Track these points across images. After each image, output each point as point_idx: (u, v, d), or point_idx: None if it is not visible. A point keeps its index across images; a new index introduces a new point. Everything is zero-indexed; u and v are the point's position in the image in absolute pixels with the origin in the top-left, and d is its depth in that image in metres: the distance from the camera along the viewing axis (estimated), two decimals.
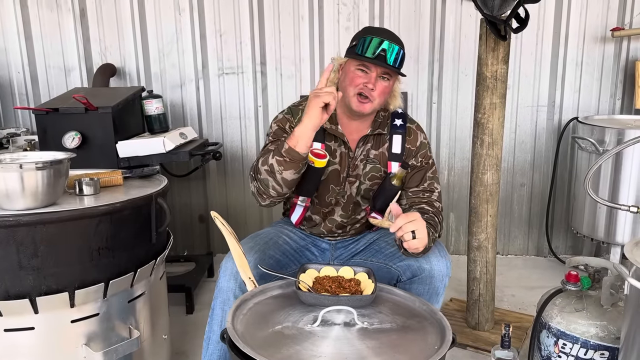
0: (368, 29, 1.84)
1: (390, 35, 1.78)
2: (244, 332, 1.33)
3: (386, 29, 1.88)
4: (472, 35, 3.14)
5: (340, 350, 1.26)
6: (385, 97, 1.82)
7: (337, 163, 1.90)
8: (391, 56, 1.71)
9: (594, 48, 3.18)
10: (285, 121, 1.88)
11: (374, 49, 1.70)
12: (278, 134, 1.86)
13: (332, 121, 1.88)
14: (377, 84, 1.75)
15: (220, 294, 1.74)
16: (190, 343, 2.43)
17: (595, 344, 1.79)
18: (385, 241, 1.93)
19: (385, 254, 1.89)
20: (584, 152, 2.90)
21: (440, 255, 1.79)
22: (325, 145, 1.88)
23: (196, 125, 3.33)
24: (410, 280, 1.81)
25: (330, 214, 1.97)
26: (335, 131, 1.88)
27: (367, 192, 1.93)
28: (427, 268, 1.77)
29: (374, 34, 1.74)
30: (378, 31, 1.80)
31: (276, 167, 1.65)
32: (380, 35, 1.74)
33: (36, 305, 1.57)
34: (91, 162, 2.28)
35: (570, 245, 3.48)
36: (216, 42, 3.23)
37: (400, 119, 1.94)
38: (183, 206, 3.45)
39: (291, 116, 1.89)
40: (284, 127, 1.87)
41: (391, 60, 1.71)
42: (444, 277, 1.79)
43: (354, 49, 1.76)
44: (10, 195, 1.57)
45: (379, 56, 1.70)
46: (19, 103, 3.32)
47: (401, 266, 1.82)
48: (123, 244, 1.71)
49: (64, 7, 3.18)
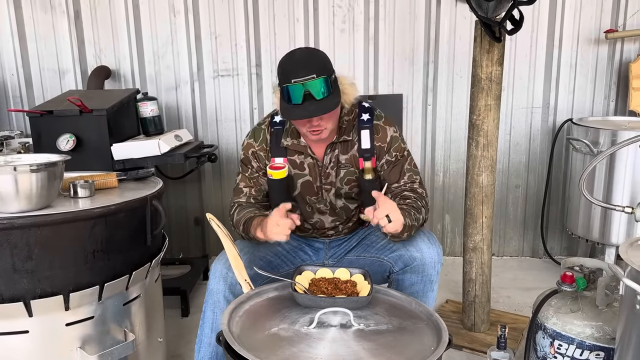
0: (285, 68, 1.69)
1: (306, 65, 1.65)
2: (240, 334, 1.32)
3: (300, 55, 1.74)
4: (467, 36, 3.15)
5: (336, 352, 1.26)
6: (336, 116, 1.79)
7: (307, 174, 1.90)
8: (318, 92, 1.64)
9: (587, 50, 3.20)
10: (249, 147, 1.92)
11: (299, 94, 1.63)
12: (245, 162, 1.93)
13: (293, 136, 1.88)
14: (319, 120, 1.71)
15: (210, 296, 1.74)
16: (186, 346, 2.42)
17: (591, 345, 1.79)
18: (375, 235, 1.94)
19: (377, 248, 1.90)
20: (579, 153, 2.91)
21: (430, 242, 1.81)
22: (289, 159, 1.89)
23: (191, 128, 3.32)
24: (403, 271, 1.82)
25: (319, 223, 1.98)
26: (298, 145, 1.88)
27: (349, 195, 1.94)
28: (418, 257, 1.78)
29: (292, 75, 1.64)
30: (294, 67, 1.66)
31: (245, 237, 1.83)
32: (297, 74, 1.63)
33: (30, 309, 1.56)
34: (86, 164, 2.27)
35: (566, 246, 3.49)
36: (211, 44, 3.23)
37: (367, 114, 1.89)
38: (178, 209, 3.44)
39: (253, 140, 1.92)
40: (248, 154, 1.92)
41: (317, 94, 1.63)
42: (436, 264, 1.80)
43: (284, 96, 1.68)
44: (4, 198, 1.56)
45: (308, 97, 1.63)
46: (13, 105, 3.30)
47: (392, 257, 1.83)
48: (118, 246, 1.70)
49: (58, 9, 3.17)
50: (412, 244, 1.80)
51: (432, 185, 3.43)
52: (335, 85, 1.71)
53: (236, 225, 1.84)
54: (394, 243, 1.84)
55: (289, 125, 1.89)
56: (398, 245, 1.82)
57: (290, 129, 1.88)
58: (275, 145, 1.89)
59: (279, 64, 1.73)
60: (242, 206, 1.87)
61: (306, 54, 1.77)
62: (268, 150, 1.90)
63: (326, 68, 1.68)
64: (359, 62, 3.25)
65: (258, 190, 1.91)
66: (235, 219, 1.84)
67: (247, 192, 1.91)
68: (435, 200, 3.45)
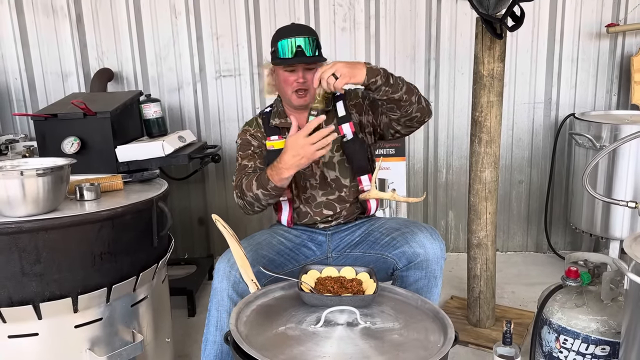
0: (280, 31, 1.92)
1: (300, 29, 1.91)
2: (248, 334, 1.33)
3: (295, 24, 2.02)
4: (468, 33, 3.15)
5: (343, 350, 1.27)
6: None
7: None
8: (308, 49, 1.85)
9: (589, 44, 3.20)
10: (245, 132, 2.04)
11: (291, 49, 1.84)
12: (244, 143, 2.01)
13: (280, 116, 2.02)
14: (306, 76, 1.89)
15: (215, 295, 1.76)
16: (193, 346, 2.43)
17: (596, 339, 1.80)
18: (379, 232, 1.95)
19: (381, 245, 1.91)
20: (581, 148, 2.91)
21: (433, 238, 1.82)
22: (282, 137, 1.98)
23: (194, 128, 3.34)
24: (407, 267, 1.83)
25: (312, 199, 2.00)
26: (286, 123, 1.99)
27: (342, 164, 1.99)
28: (421, 253, 1.80)
29: (286, 35, 1.87)
30: (289, 30, 1.90)
31: (262, 197, 1.82)
32: (292, 34, 1.86)
33: (40, 311, 1.58)
34: (90, 167, 2.28)
35: (569, 240, 3.50)
36: (213, 44, 3.24)
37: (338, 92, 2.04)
38: (183, 209, 3.46)
39: (248, 126, 2.06)
40: (246, 137, 2.02)
41: (309, 52, 1.86)
42: (439, 259, 1.82)
43: (276, 54, 1.89)
44: (12, 202, 1.57)
45: (298, 53, 1.84)
46: (17, 109, 3.32)
47: (396, 254, 1.85)
48: (125, 248, 1.72)
49: (60, 12, 3.19)
50: (415, 240, 1.82)
51: (435, 181, 3.44)
52: (321, 53, 1.92)
53: (246, 189, 1.83)
54: (398, 240, 1.85)
55: (276, 109, 2.04)
56: (401, 242, 1.84)
57: (278, 111, 2.03)
58: (268, 128, 2.03)
59: (273, 36, 1.93)
60: (249, 174, 1.89)
61: (300, 24, 2.01)
62: (262, 131, 2.03)
63: (316, 36, 1.91)
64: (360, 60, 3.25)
65: (262, 163, 1.96)
66: (245, 184, 1.84)
67: (252, 165, 1.95)
68: (439, 197, 3.46)
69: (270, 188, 1.77)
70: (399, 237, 1.86)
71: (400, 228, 1.90)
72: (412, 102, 1.81)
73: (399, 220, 2.03)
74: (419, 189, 3.43)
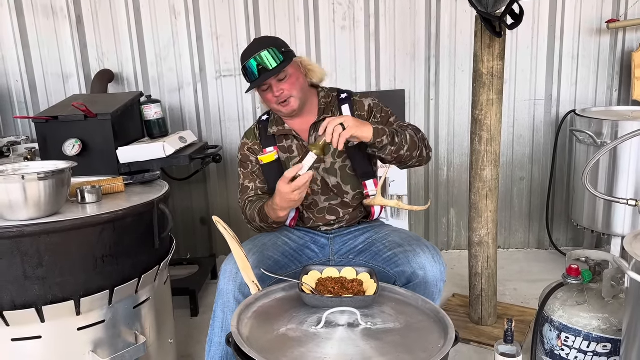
0: (243, 54, 1.90)
1: (259, 43, 1.89)
2: (249, 335, 1.34)
3: (255, 40, 1.98)
4: (468, 31, 3.15)
5: (344, 351, 1.28)
6: (299, 85, 1.91)
7: (296, 156, 1.98)
8: (270, 61, 1.83)
9: (589, 40, 3.19)
10: (244, 145, 2.04)
11: (255, 69, 1.83)
12: (244, 160, 2.03)
13: (277, 124, 2.00)
14: (279, 86, 1.87)
15: (220, 296, 1.77)
16: (196, 346, 2.44)
17: (598, 337, 1.80)
18: (383, 244, 1.93)
19: (383, 258, 1.89)
20: (582, 144, 2.91)
21: (434, 261, 1.79)
22: (279, 146, 1.99)
23: (195, 129, 3.34)
24: (406, 287, 1.81)
25: (314, 205, 2.00)
26: (283, 130, 1.99)
27: (344, 170, 1.97)
28: (421, 275, 1.77)
29: (247, 56, 1.85)
30: (250, 50, 1.88)
31: (266, 227, 1.91)
32: (252, 52, 1.85)
33: (42, 314, 1.59)
34: (92, 168, 2.29)
35: (571, 237, 3.49)
36: (213, 44, 3.24)
37: (345, 94, 2.03)
38: (184, 209, 3.47)
39: (246, 139, 2.05)
40: (245, 152, 2.03)
41: (273, 63, 1.83)
42: (439, 282, 1.79)
43: (247, 78, 1.89)
44: (14, 206, 1.58)
45: (261, 70, 1.83)
46: (18, 111, 3.33)
47: (397, 272, 1.83)
48: (127, 250, 1.72)
49: (60, 14, 3.19)
50: (416, 260, 1.79)
51: (436, 179, 3.44)
52: (287, 56, 1.86)
53: (251, 220, 1.91)
54: (399, 257, 1.83)
55: (273, 117, 2.02)
56: (403, 260, 1.82)
57: (275, 119, 2.02)
58: (264, 138, 2.01)
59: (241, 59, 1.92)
60: (252, 201, 1.94)
61: (258, 39, 1.98)
62: (259, 143, 2.02)
63: (275, 44, 1.87)
64: (361, 59, 3.26)
65: (262, 182, 1.99)
66: (249, 215, 1.91)
67: (253, 187, 1.98)
68: (440, 194, 3.46)
69: (271, 222, 1.86)
70: (401, 254, 1.83)
71: (403, 245, 1.87)
72: (413, 156, 1.82)
73: (402, 234, 1.98)
74: (420, 187, 3.43)
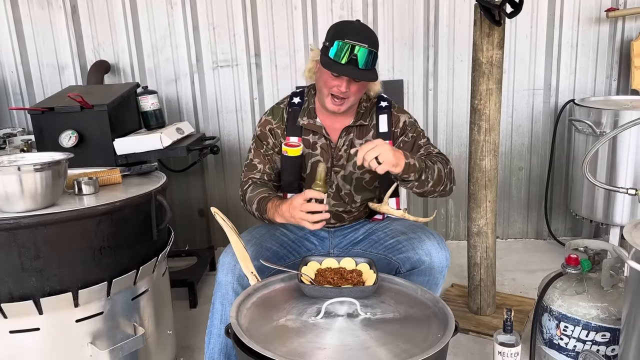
0: (341, 28, 1.75)
1: (364, 35, 1.73)
2: (249, 326, 1.34)
3: (361, 25, 1.79)
4: (467, 19, 3.12)
5: (344, 341, 1.28)
6: (360, 94, 1.85)
7: (318, 155, 1.92)
8: (362, 61, 1.69)
9: (588, 29, 3.17)
10: (266, 123, 1.95)
11: (346, 55, 1.68)
12: (261, 138, 1.95)
13: (310, 115, 1.92)
14: (350, 86, 1.76)
15: (219, 288, 1.76)
16: (195, 337, 2.44)
17: (597, 326, 1.80)
18: (384, 232, 1.94)
19: (385, 246, 1.90)
20: (581, 134, 2.90)
21: (440, 247, 1.80)
22: (303, 139, 1.92)
23: (192, 120, 3.32)
24: (410, 272, 1.82)
25: None
26: (314, 125, 1.91)
27: (360, 182, 1.94)
28: (426, 260, 1.78)
29: (347, 36, 1.69)
30: (352, 32, 1.72)
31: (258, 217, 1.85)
32: (353, 37, 1.69)
33: (40, 306, 1.58)
34: (88, 160, 2.28)
35: (570, 227, 3.50)
36: (209, 34, 3.21)
37: (385, 102, 1.98)
38: (182, 201, 3.46)
39: (272, 117, 1.96)
40: (265, 130, 1.95)
41: (362, 63, 1.69)
42: (443, 269, 1.81)
43: (327, 51, 1.72)
44: (10, 198, 1.57)
45: (351, 61, 1.69)
46: (14, 102, 3.31)
47: (401, 258, 1.83)
48: (124, 242, 1.71)
49: (55, 4, 3.16)
50: (421, 247, 1.80)
51: None
52: (375, 70, 1.76)
53: (248, 201, 1.85)
54: (403, 244, 1.83)
55: (307, 105, 1.93)
56: (407, 246, 1.82)
57: (308, 109, 1.92)
58: (291, 125, 1.92)
59: (332, 27, 1.78)
60: (257, 184, 1.89)
61: (365, 26, 1.80)
62: (284, 128, 1.93)
63: (377, 45, 1.75)
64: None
65: (271, 168, 1.94)
66: (248, 196, 1.86)
67: (262, 169, 1.92)
68: None
69: (265, 217, 1.81)
70: (405, 241, 1.84)
71: (406, 232, 1.87)
72: (435, 191, 1.80)
73: (405, 222, 1.95)
74: None
